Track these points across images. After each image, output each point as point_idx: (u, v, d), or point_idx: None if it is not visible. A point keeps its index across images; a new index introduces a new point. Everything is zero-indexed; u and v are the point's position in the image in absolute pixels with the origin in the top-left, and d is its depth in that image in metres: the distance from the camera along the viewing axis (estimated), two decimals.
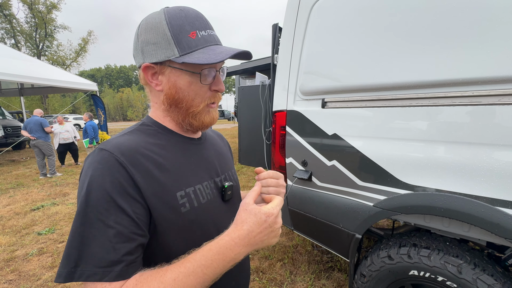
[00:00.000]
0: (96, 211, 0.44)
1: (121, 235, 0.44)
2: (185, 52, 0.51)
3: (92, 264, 0.42)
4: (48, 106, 25.97)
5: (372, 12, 1.31)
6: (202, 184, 0.59)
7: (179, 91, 0.55)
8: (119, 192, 0.45)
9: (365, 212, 1.39)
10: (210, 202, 0.59)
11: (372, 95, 1.34)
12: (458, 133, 1.11)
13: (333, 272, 2.16)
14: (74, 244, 0.43)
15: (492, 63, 1.01)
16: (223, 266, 0.47)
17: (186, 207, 0.53)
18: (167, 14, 0.52)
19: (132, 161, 0.48)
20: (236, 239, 0.48)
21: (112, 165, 0.46)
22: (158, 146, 0.55)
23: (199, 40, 0.53)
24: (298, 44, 1.63)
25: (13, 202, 4.29)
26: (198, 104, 0.56)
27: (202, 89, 0.56)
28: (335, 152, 1.50)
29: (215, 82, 0.57)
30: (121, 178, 0.46)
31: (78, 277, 0.41)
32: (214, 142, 0.73)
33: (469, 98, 1.08)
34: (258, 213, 0.50)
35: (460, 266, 1.12)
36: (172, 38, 0.51)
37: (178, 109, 0.57)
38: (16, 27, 23.96)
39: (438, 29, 1.12)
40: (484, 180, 1.05)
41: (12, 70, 6.57)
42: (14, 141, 8.45)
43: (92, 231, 0.43)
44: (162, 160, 0.53)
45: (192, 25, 0.53)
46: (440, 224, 1.30)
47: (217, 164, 0.67)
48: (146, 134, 0.56)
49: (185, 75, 0.54)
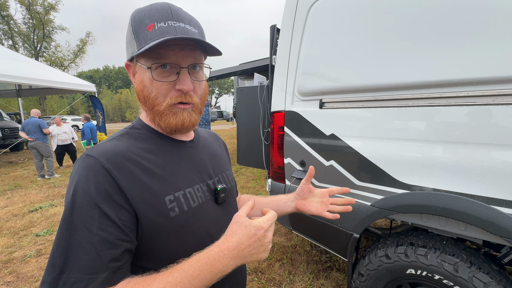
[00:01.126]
0: (81, 218, 0.43)
1: (106, 242, 0.43)
2: (141, 46, 0.49)
3: (77, 271, 0.41)
4: (46, 107, 25.88)
5: (370, 13, 1.32)
6: (192, 187, 0.58)
7: (144, 89, 0.53)
8: (104, 199, 0.45)
9: (363, 212, 1.40)
10: (202, 206, 0.58)
11: (369, 95, 1.35)
12: (454, 133, 1.12)
13: (331, 272, 2.17)
14: (59, 250, 0.42)
15: (487, 64, 1.03)
16: (211, 277, 0.46)
17: (175, 212, 0.52)
18: (135, 11, 0.52)
19: (118, 167, 0.48)
20: (225, 250, 0.47)
21: (97, 172, 0.46)
22: (146, 151, 0.54)
23: (155, 32, 0.49)
24: (296, 45, 1.64)
25: (11, 203, 4.27)
26: (161, 103, 0.53)
27: (163, 86, 0.52)
28: (332, 152, 1.51)
29: (178, 80, 0.52)
30: (106, 184, 0.45)
31: (62, 284, 0.41)
32: (208, 144, 0.72)
33: (465, 99, 1.09)
34: (249, 226, 0.49)
35: (457, 265, 1.13)
36: (133, 33, 0.51)
37: (147, 107, 0.55)
38: (14, 28, 23.88)
39: (434, 30, 1.13)
40: (479, 179, 1.07)
41: (9, 71, 6.55)
42: (11, 143, 8.41)
43: (77, 237, 0.42)
44: (149, 165, 0.52)
45: (151, 18, 0.50)
46: (437, 223, 1.31)
47: (210, 166, 0.66)
48: (135, 138, 0.56)
49: (146, 71, 0.52)
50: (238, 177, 5.51)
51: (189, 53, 0.52)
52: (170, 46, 0.50)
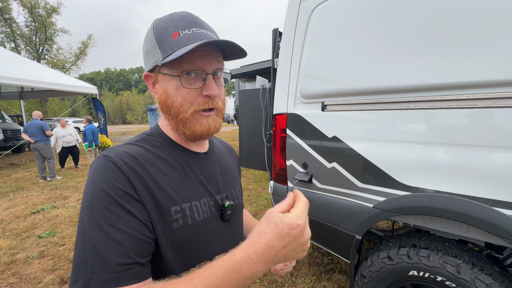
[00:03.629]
0: (105, 216, 0.43)
1: (132, 238, 0.44)
2: (167, 54, 0.49)
3: (106, 270, 0.41)
4: (48, 109, 25.98)
5: (371, 16, 1.34)
6: (200, 200, 0.57)
7: (168, 97, 0.53)
8: (125, 197, 0.45)
9: (365, 214, 1.41)
10: (207, 220, 0.57)
11: (371, 98, 1.37)
12: (455, 136, 1.14)
13: (333, 274, 2.17)
14: (88, 250, 0.42)
15: (487, 67, 1.04)
16: (237, 286, 0.41)
17: (178, 224, 0.51)
18: (155, 21, 0.52)
19: (132, 171, 0.48)
20: (253, 255, 0.40)
21: (115, 172, 0.47)
22: (160, 159, 0.54)
23: (180, 39, 0.50)
24: (298, 48, 1.66)
25: (13, 205, 4.28)
26: (186, 110, 0.53)
27: (190, 93, 0.52)
28: (335, 154, 1.52)
29: (205, 86, 0.52)
30: (125, 184, 0.46)
31: (94, 283, 0.41)
32: (221, 157, 0.71)
33: (466, 101, 1.11)
34: (280, 224, 0.40)
35: (459, 266, 1.14)
36: (156, 42, 0.51)
37: (170, 116, 0.55)
38: (16, 31, 24.04)
39: (436, 33, 1.15)
40: (480, 181, 1.08)
41: (12, 74, 6.60)
42: (13, 145, 8.45)
43: (103, 236, 0.42)
44: (161, 174, 0.52)
45: (175, 26, 0.51)
46: (439, 225, 1.32)
47: (220, 180, 0.64)
48: (151, 146, 0.56)
49: (172, 79, 0.52)
50: None
51: (214, 58, 0.53)
52: (196, 52, 0.50)
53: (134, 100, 60.49)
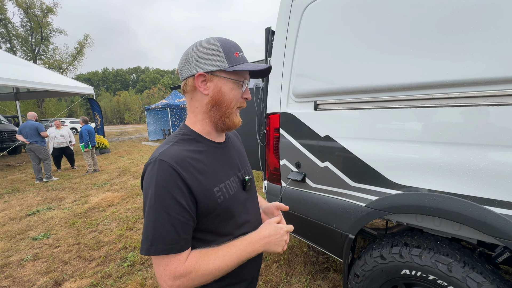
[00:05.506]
0: (162, 206, 0.61)
1: (180, 222, 0.62)
2: (232, 65, 0.70)
3: (162, 243, 0.61)
4: (45, 110, 25.80)
5: (363, 15, 1.33)
6: (229, 179, 0.76)
7: (223, 95, 0.71)
8: (177, 192, 0.62)
9: (358, 213, 1.41)
10: (236, 193, 0.77)
11: (363, 97, 1.36)
12: (446, 134, 1.13)
13: (328, 273, 2.17)
14: (150, 229, 0.61)
15: (478, 66, 1.04)
16: (248, 254, 0.70)
17: (221, 199, 0.71)
18: (218, 40, 0.70)
19: (182, 167, 0.64)
20: (261, 237, 0.74)
21: (171, 172, 0.63)
22: (198, 153, 0.71)
23: (240, 58, 0.72)
24: (290, 46, 1.65)
25: (8, 207, 4.25)
26: (233, 106, 0.74)
27: (238, 95, 0.73)
28: (327, 154, 1.52)
29: (246, 92, 0.76)
30: (178, 181, 0.63)
31: (153, 251, 0.60)
32: (234, 143, 0.90)
33: (457, 100, 1.10)
34: (276, 226, 0.77)
35: (450, 265, 1.14)
36: (224, 55, 0.69)
37: (219, 109, 0.73)
38: (12, 31, 23.83)
39: (428, 31, 1.14)
40: (471, 180, 1.07)
41: (7, 74, 6.54)
42: (9, 146, 8.38)
43: (160, 220, 0.61)
44: (201, 165, 0.70)
45: (235, 48, 0.72)
46: (431, 223, 1.32)
47: (238, 161, 0.85)
48: (188, 143, 0.72)
49: (229, 82, 0.71)
50: None
51: (248, 74, 0.77)
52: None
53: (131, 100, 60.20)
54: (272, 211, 0.94)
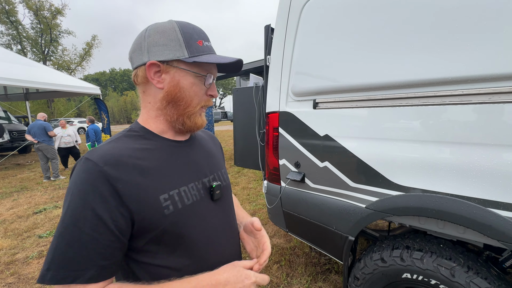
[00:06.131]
0: (73, 218, 0.47)
1: (96, 242, 0.47)
2: (194, 55, 0.58)
3: (63, 267, 0.45)
4: (54, 110, 26.35)
5: (362, 11, 1.29)
6: (187, 185, 0.61)
7: (181, 90, 0.59)
8: (99, 201, 0.47)
9: (358, 214, 1.37)
10: (197, 203, 0.61)
11: (363, 95, 1.32)
12: (449, 133, 1.08)
13: (330, 275, 2.13)
14: (51, 247, 0.47)
15: (481, 62, 0.99)
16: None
17: (169, 209, 0.55)
18: (178, 24, 0.58)
19: (115, 169, 0.50)
20: (214, 281, 0.53)
21: (95, 176, 0.49)
22: (143, 151, 0.57)
23: (204, 47, 0.60)
24: (289, 44, 1.62)
25: (16, 205, 4.35)
26: (195, 105, 0.61)
27: (201, 91, 0.61)
28: (327, 153, 1.48)
29: (211, 88, 0.63)
30: (102, 187, 0.48)
31: (49, 278, 0.44)
32: (204, 143, 0.75)
33: (460, 97, 1.05)
34: (241, 271, 0.56)
35: (453, 269, 1.09)
36: (184, 42, 0.57)
37: (177, 106, 0.60)
38: (22, 33, 24.39)
39: (427, 28, 1.10)
40: (476, 181, 1.03)
41: (17, 76, 6.68)
42: (19, 145, 8.58)
43: (67, 236, 0.46)
44: (146, 165, 0.55)
45: (199, 35, 0.60)
46: (435, 226, 1.27)
47: (205, 164, 0.69)
48: (133, 140, 0.59)
49: (189, 76, 0.59)
50: (240, 178, 5.50)
51: (216, 68, 0.65)
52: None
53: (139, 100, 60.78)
54: (251, 229, 0.72)
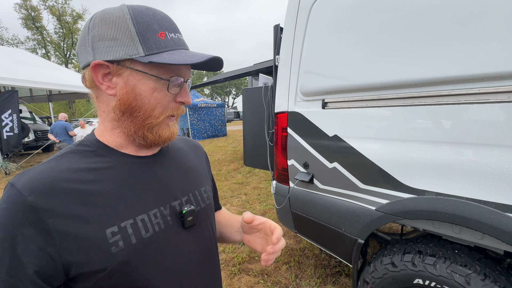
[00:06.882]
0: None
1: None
2: (152, 52, 0.44)
3: None
4: (75, 111, 27.62)
5: (371, 10, 1.26)
6: (148, 213, 0.49)
7: (138, 98, 0.46)
8: (20, 241, 0.38)
9: (367, 217, 1.33)
10: (161, 234, 0.50)
11: (373, 94, 1.28)
12: (464, 134, 1.03)
13: (340, 277, 2.09)
14: None
15: (501, 59, 0.93)
16: None
17: (118, 246, 0.43)
18: (131, 10, 0.45)
19: (45, 199, 0.40)
20: None
21: (18, 208, 0.39)
22: (91, 172, 0.46)
23: (168, 41, 0.46)
24: (298, 44, 1.60)
25: None
26: (158, 116, 0.48)
27: (166, 98, 0.48)
28: (336, 154, 1.46)
29: (181, 93, 0.50)
30: (25, 222, 0.38)
31: None
32: (179, 157, 0.62)
33: (476, 96, 1.00)
34: None
35: (469, 277, 1.04)
36: (137, 35, 0.44)
37: (133, 118, 0.48)
38: (46, 37, 25.77)
39: (439, 26, 1.05)
40: (493, 184, 0.97)
41: (42, 78, 7.10)
42: (43, 144, 9.07)
43: None
44: (92, 189, 0.44)
45: (161, 25, 0.46)
46: (450, 230, 1.22)
47: (177, 184, 0.56)
48: (80, 157, 0.47)
49: (148, 80, 0.46)
50: (251, 178, 5.51)
51: (189, 67, 0.52)
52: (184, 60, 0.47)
53: None
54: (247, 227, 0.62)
